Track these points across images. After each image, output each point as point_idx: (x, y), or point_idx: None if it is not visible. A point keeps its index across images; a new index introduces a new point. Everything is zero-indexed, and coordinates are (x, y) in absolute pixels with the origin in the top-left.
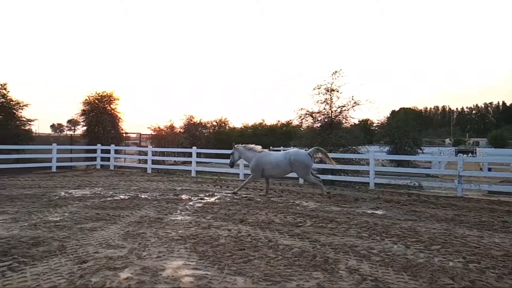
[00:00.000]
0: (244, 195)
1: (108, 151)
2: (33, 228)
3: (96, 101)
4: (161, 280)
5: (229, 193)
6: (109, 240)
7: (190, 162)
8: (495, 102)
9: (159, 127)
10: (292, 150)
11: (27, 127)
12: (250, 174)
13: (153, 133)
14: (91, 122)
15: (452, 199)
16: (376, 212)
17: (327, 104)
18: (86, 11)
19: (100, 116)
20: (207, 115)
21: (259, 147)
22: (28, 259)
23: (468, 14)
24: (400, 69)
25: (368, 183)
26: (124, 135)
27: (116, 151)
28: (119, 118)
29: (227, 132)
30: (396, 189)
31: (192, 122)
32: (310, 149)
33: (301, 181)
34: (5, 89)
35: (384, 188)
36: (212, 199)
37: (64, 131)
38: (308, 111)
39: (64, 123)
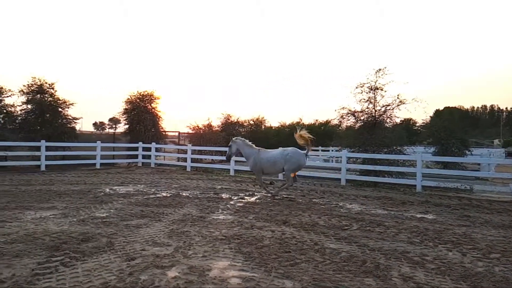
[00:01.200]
0: (285, 196)
1: (149, 149)
2: (81, 223)
3: (138, 100)
4: (209, 280)
5: (262, 193)
6: (155, 238)
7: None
8: None
9: (197, 126)
10: (290, 148)
11: (72, 125)
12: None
13: (191, 131)
14: (132, 120)
15: (507, 204)
16: (426, 216)
17: (371, 103)
18: (127, 15)
19: (141, 114)
20: (243, 114)
21: (254, 145)
22: (79, 255)
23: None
24: (441, 67)
25: (415, 185)
26: (164, 133)
27: (157, 149)
28: (159, 117)
29: (264, 131)
30: (445, 192)
31: (229, 121)
32: (306, 151)
33: (343, 182)
34: (52, 88)
35: (431, 191)
36: (253, 199)
37: (105, 129)
38: (350, 110)
39: (106, 121)
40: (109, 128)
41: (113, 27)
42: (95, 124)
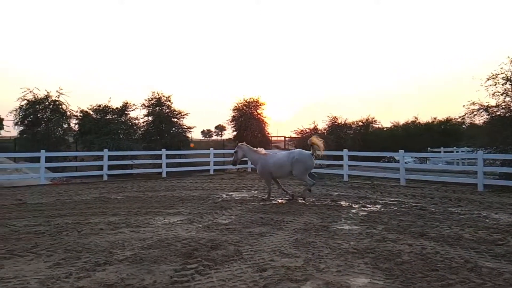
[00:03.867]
0: (414, 204)
1: None
2: (207, 230)
3: (244, 107)
4: None
5: (385, 201)
6: (281, 248)
7: (336, 165)
8: None
9: (303, 130)
10: (295, 150)
11: (187, 134)
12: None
13: (296, 136)
14: (240, 127)
15: None
16: None
17: (508, 95)
18: (233, 26)
19: (248, 121)
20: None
21: (263, 150)
22: (211, 263)
23: None
24: None
25: None
26: (270, 139)
27: None
28: (265, 122)
29: (375, 133)
30: None
31: (336, 123)
32: (311, 152)
33: (480, 187)
34: (169, 100)
35: None
36: (377, 208)
37: (212, 136)
38: (481, 105)
39: (212, 128)
40: (215, 135)
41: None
42: (203, 132)
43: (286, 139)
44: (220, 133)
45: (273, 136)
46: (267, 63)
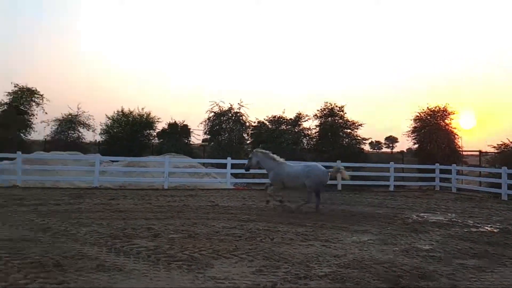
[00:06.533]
0: None
1: (447, 171)
2: (406, 255)
3: (428, 117)
4: None
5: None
6: None
7: None
8: None
9: (505, 143)
10: (311, 163)
11: (361, 146)
12: None
13: (496, 151)
14: (423, 139)
15: None
16: None
17: None
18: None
19: (433, 132)
20: None
21: (278, 158)
22: None
23: None
24: None
25: None
26: (461, 153)
27: (458, 172)
28: (456, 134)
29: None
30: None
31: None
32: (332, 169)
33: None
34: (342, 111)
35: None
36: None
37: (381, 148)
38: None
39: (382, 140)
40: (385, 147)
41: None
42: (371, 144)
43: (482, 153)
44: (391, 145)
45: (465, 150)
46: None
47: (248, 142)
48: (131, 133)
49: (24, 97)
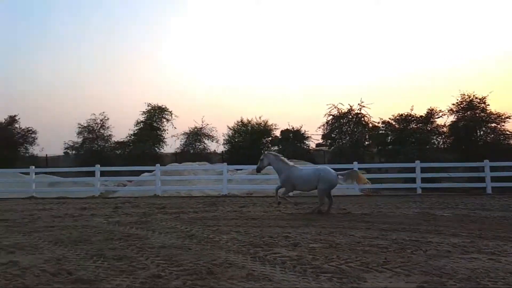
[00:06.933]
0: None
1: None
2: None
3: None
4: None
5: None
6: None
7: None
8: None
9: None
10: (322, 167)
11: (510, 141)
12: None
13: None
14: None
15: None
16: None
17: None
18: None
19: None
20: None
21: (288, 161)
22: None
23: None
24: None
25: None
26: None
27: None
28: None
29: None
30: None
31: None
32: (345, 172)
33: None
34: (484, 102)
35: None
36: None
37: None
38: None
39: None
40: None
41: None
42: None
43: None
44: None
45: None
46: None
47: (366, 144)
48: (251, 142)
49: (156, 114)
